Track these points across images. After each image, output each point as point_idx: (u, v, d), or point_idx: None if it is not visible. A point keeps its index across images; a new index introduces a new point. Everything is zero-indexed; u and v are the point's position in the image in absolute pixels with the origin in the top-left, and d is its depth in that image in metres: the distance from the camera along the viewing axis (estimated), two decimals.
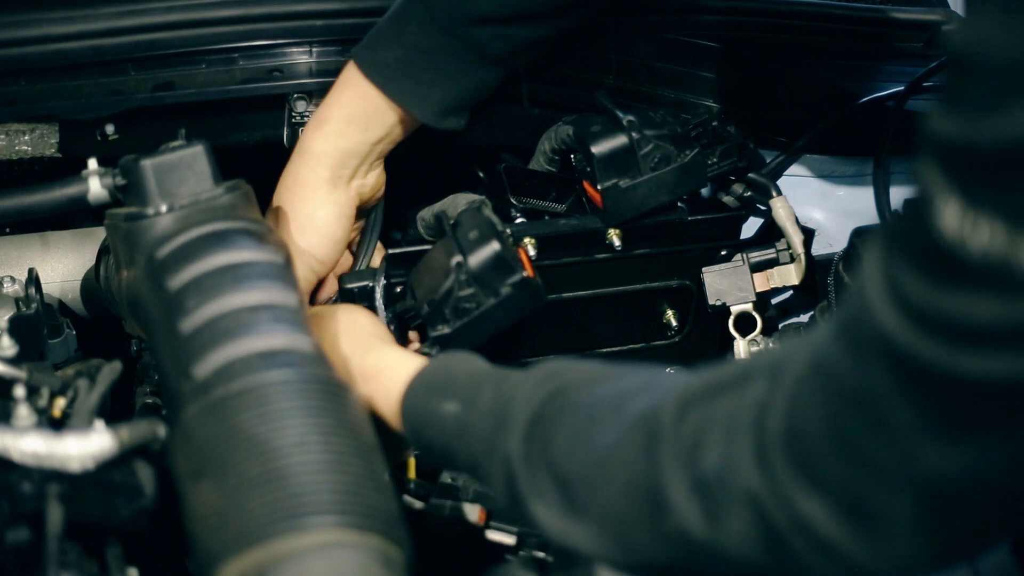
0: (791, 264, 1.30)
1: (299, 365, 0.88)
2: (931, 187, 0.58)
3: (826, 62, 1.40)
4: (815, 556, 0.69)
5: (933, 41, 1.43)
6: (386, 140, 1.18)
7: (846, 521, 0.67)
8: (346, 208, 1.17)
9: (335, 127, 1.16)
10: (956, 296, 0.58)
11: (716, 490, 0.72)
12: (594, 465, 0.80)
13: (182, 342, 0.91)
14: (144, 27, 1.18)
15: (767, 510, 0.69)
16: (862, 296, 0.63)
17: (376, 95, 1.15)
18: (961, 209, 0.56)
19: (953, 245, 0.57)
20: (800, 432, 0.68)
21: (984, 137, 0.55)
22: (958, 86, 0.57)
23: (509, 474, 0.85)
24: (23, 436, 0.83)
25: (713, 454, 0.72)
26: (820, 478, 0.67)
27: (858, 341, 0.64)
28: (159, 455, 0.90)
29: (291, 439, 0.83)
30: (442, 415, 0.93)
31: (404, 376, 0.98)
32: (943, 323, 0.59)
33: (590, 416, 0.82)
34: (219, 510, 0.81)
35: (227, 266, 0.94)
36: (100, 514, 0.87)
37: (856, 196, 1.36)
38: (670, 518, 0.74)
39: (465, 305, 1.09)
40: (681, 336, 1.33)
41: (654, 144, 1.20)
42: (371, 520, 0.80)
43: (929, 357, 0.59)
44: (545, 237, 1.22)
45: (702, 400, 0.75)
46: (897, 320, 0.61)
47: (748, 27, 1.35)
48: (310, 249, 1.16)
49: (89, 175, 1.03)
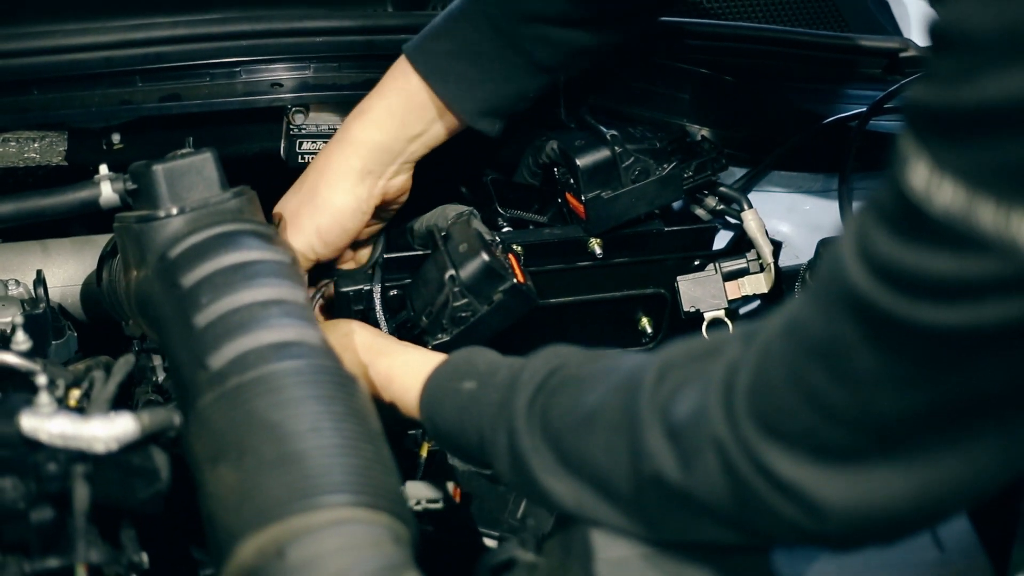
0: (761, 273, 1.35)
1: (309, 356, 0.92)
2: (904, 149, 0.62)
3: (794, 85, 1.45)
4: (777, 499, 0.72)
5: (892, 67, 1.49)
6: (421, 139, 1.20)
7: (808, 465, 0.71)
8: (365, 204, 1.19)
9: (374, 117, 1.18)
10: (918, 251, 0.62)
11: (687, 436, 0.77)
12: (581, 422, 0.85)
13: (197, 335, 0.93)
14: (152, 40, 1.21)
15: (731, 457, 0.74)
16: (836, 255, 0.68)
17: (418, 88, 1.18)
18: (928, 169, 0.61)
19: (919, 203, 0.61)
20: (765, 385, 0.72)
21: (954, 103, 0.60)
22: (936, 58, 0.62)
23: (512, 435, 0.90)
24: (51, 418, 0.86)
25: (686, 405, 0.77)
26: (781, 426, 0.71)
27: (828, 297, 0.68)
28: (172, 443, 0.93)
29: (305, 424, 0.86)
30: (459, 391, 0.98)
31: (430, 365, 1.03)
32: (904, 276, 0.63)
33: (583, 383, 0.88)
34: (237, 490, 0.83)
35: (239, 264, 0.97)
36: (120, 495, 0.90)
37: (822, 210, 1.41)
38: (647, 462, 0.79)
39: (461, 314, 1.15)
40: (655, 343, 1.37)
41: (635, 158, 1.25)
42: (381, 499, 0.83)
43: (889, 307, 0.63)
44: (530, 245, 1.27)
45: (681, 363, 0.80)
46: (863, 272, 0.65)
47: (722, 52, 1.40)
48: (318, 231, 1.18)
49: (101, 179, 1.06)
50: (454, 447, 1.03)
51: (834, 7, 1.69)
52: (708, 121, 1.39)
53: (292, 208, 1.20)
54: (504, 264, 1.18)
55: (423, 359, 1.07)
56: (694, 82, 1.39)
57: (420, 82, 1.18)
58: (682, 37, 1.40)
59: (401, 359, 1.09)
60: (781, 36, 1.47)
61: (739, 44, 1.43)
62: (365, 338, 1.13)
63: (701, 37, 1.40)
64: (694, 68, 1.39)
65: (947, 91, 0.60)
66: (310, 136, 1.29)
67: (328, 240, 1.19)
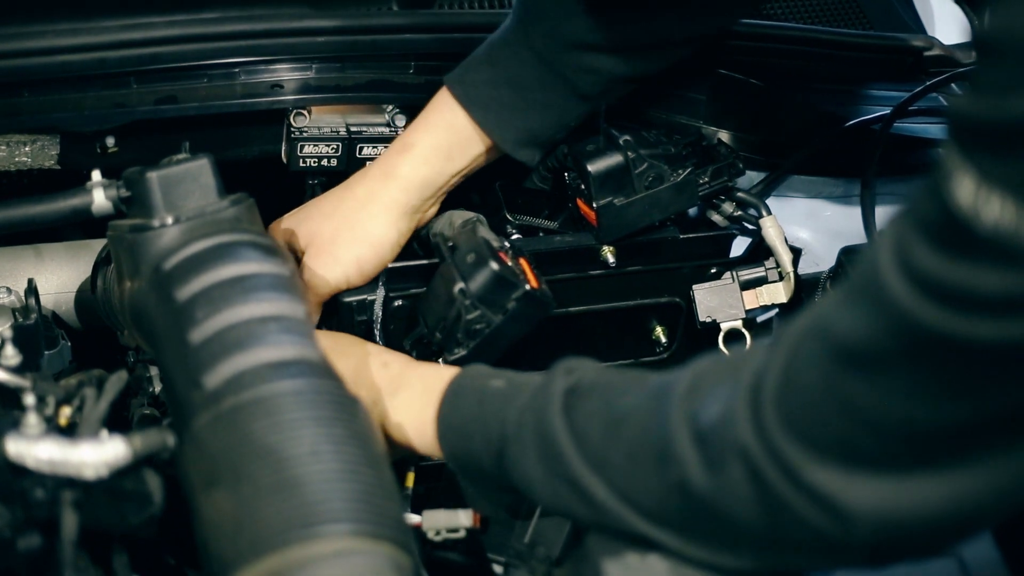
0: (780, 282, 1.32)
1: (309, 376, 0.89)
2: (949, 163, 0.61)
3: (814, 86, 1.43)
4: (805, 505, 0.72)
5: (917, 66, 1.47)
6: (464, 172, 1.21)
7: (838, 472, 0.70)
8: (404, 238, 1.20)
9: (421, 153, 1.18)
10: (965, 266, 0.61)
11: (714, 442, 0.77)
12: (612, 424, 0.85)
13: (191, 352, 0.91)
14: (147, 41, 1.18)
15: (757, 462, 0.73)
16: (873, 264, 0.67)
17: (462, 123, 1.18)
18: (975, 184, 0.60)
19: (966, 218, 0.60)
20: (795, 389, 0.72)
21: (1001, 116, 0.59)
22: (983, 68, 0.61)
23: (543, 421, 0.89)
24: (38, 443, 0.83)
25: (713, 410, 0.77)
26: (811, 432, 0.71)
27: (864, 307, 0.68)
28: (167, 464, 0.91)
29: (304, 448, 0.83)
30: (487, 388, 0.98)
31: (449, 372, 1.03)
32: (950, 291, 0.62)
33: (614, 389, 0.88)
34: (233, 518, 0.81)
35: (236, 277, 0.95)
36: (111, 521, 0.88)
37: (843, 216, 1.39)
38: (674, 467, 0.79)
39: (476, 327, 1.12)
40: (669, 353, 1.35)
41: (648, 163, 1.22)
42: (383, 528, 0.81)
43: (934, 322, 0.63)
44: (541, 253, 1.24)
45: (712, 372, 0.81)
46: (905, 286, 0.64)
47: (739, 51, 1.37)
48: (358, 262, 1.18)
49: (93, 186, 1.03)
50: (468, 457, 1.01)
51: (856, 4, 1.67)
52: (725, 123, 1.36)
53: (327, 235, 1.18)
54: (515, 270, 1.14)
55: (440, 372, 1.06)
56: (711, 83, 1.37)
57: (465, 117, 1.18)
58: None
59: (418, 371, 1.08)
60: (801, 35, 1.45)
61: (758, 43, 1.40)
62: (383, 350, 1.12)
63: (719, 36, 1.36)
64: (711, 68, 1.36)
65: (994, 103, 0.59)
66: (312, 139, 1.26)
67: (365, 271, 1.19)
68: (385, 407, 1.06)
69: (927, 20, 1.64)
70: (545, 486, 0.91)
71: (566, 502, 0.89)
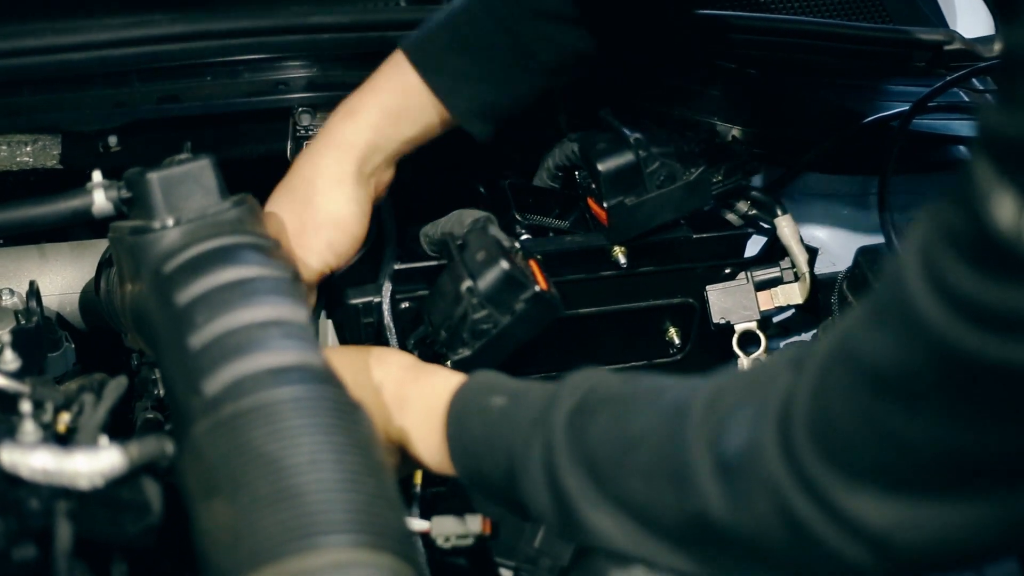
0: (795, 283, 1.30)
1: (310, 382, 0.87)
2: (984, 182, 0.59)
3: (831, 81, 1.41)
4: (838, 536, 0.69)
5: (937, 61, 1.44)
6: (414, 140, 1.16)
7: (875, 500, 0.68)
8: (366, 205, 1.14)
9: (369, 119, 1.13)
10: (1008, 289, 0.59)
11: (739, 474, 0.74)
12: (624, 448, 0.82)
13: (191, 357, 0.89)
14: (149, 38, 1.17)
15: (787, 495, 0.71)
16: (900, 286, 0.64)
17: (415, 87, 1.13)
18: (1017, 204, 0.57)
19: (1007, 240, 0.58)
20: (827, 417, 0.69)
21: None
22: (1012, 83, 0.58)
23: (548, 452, 0.86)
24: (32, 452, 0.81)
25: (738, 439, 0.74)
26: (846, 461, 0.68)
27: (895, 327, 0.65)
28: (166, 471, 0.89)
29: (304, 457, 0.82)
30: (489, 407, 0.94)
31: (455, 382, 1.00)
32: (990, 314, 0.60)
33: (626, 405, 0.85)
34: (231, 528, 0.80)
35: (237, 281, 0.93)
36: (107, 531, 0.86)
37: (860, 215, 1.38)
38: (692, 498, 0.76)
39: (482, 327, 1.09)
40: (683, 354, 1.32)
41: (660, 162, 1.20)
42: (384, 539, 0.79)
43: (974, 347, 0.61)
44: (550, 254, 1.21)
45: (732, 392, 0.77)
46: (941, 309, 0.62)
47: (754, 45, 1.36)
48: (330, 246, 1.13)
49: (94, 187, 1.02)
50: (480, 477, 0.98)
51: None
52: (739, 120, 1.34)
53: (294, 226, 1.13)
54: (525, 271, 1.12)
55: (436, 388, 1.02)
56: (724, 78, 1.35)
57: (418, 80, 1.13)
58: (712, 30, 1.36)
59: (416, 388, 1.04)
60: (818, 28, 1.43)
61: (773, 37, 1.39)
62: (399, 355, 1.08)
63: (732, 30, 1.36)
64: (724, 63, 1.35)
65: None
66: None
67: (341, 252, 1.15)
68: (392, 428, 1.04)
69: (948, 13, 1.62)
70: (555, 520, 0.88)
71: (578, 537, 0.87)
